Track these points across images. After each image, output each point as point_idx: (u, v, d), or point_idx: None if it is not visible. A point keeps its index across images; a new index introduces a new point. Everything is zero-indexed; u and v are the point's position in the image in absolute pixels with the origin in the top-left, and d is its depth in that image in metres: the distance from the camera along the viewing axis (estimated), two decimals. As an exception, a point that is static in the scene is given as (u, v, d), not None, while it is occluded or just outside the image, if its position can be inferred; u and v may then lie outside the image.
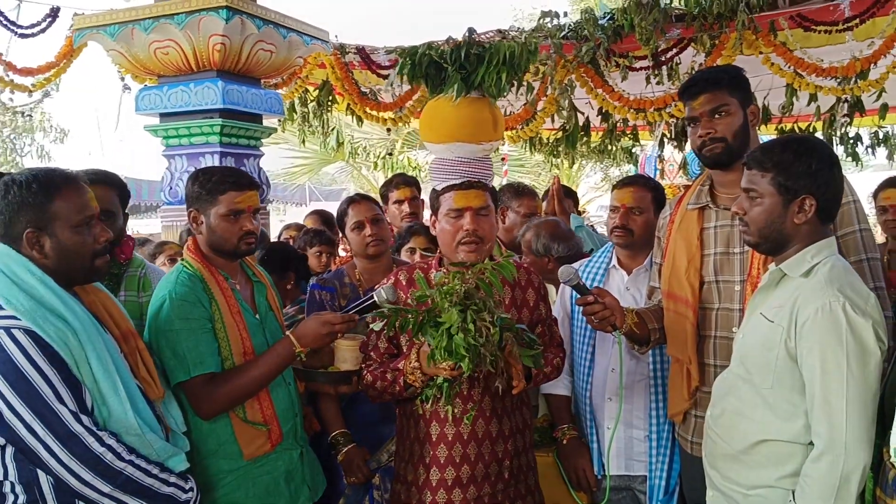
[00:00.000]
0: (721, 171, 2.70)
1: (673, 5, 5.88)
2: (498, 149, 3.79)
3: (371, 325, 2.55)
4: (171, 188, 4.84)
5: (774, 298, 2.20)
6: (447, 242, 2.63)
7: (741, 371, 2.26)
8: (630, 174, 10.89)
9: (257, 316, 2.72)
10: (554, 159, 9.17)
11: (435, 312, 2.33)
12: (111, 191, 2.91)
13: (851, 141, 6.92)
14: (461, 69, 2.83)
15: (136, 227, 19.56)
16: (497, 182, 9.28)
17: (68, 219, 2.12)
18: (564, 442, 3.14)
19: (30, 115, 7.31)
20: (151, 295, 3.42)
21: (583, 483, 3.10)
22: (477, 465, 2.57)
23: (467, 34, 3.01)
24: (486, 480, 2.58)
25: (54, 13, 6.36)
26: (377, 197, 4.23)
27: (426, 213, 5.46)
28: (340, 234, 3.39)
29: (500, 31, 6.35)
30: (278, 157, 13.40)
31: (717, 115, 2.61)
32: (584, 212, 9.44)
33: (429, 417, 2.60)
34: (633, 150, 9.29)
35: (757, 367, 2.19)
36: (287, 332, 2.65)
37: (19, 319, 1.99)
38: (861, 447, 1.98)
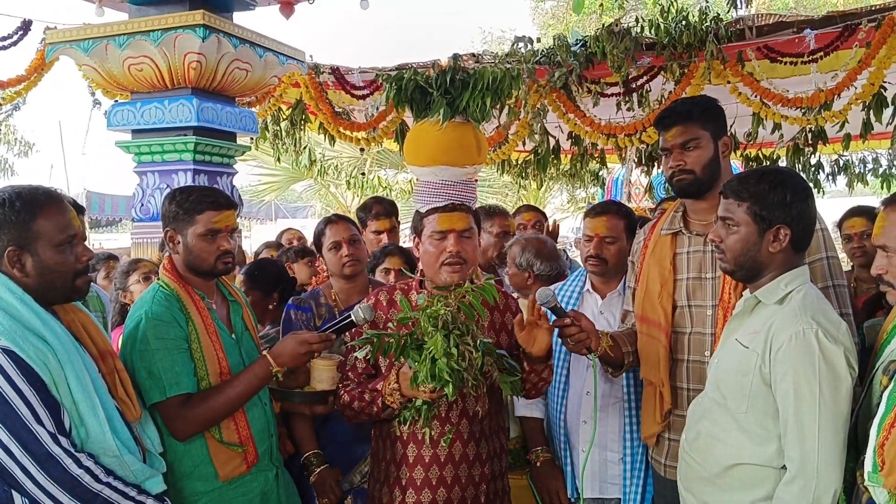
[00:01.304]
0: (692, 200, 2.76)
1: (644, 34, 6.01)
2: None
3: (356, 354, 2.55)
4: (142, 205, 4.79)
5: (749, 325, 2.26)
6: (430, 264, 2.64)
7: (716, 395, 2.31)
8: (596, 197, 11.09)
9: (233, 336, 2.72)
10: (522, 181, 9.28)
11: (417, 336, 2.35)
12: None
13: (813, 168, 7.10)
14: (446, 94, 2.87)
15: (98, 241, 19.34)
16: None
17: (51, 238, 2.11)
18: (538, 464, 3.16)
19: (-2, 129, 7.22)
20: (108, 312, 3.41)
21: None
22: (453, 488, 2.57)
23: (452, 60, 3.06)
24: None
25: (26, 26, 6.28)
26: (346, 214, 4.24)
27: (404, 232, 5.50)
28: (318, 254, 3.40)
29: (473, 55, 6.44)
30: (246, 174, 13.36)
31: (687, 148, 2.67)
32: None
33: (406, 439, 2.60)
34: (601, 174, 9.42)
35: (732, 391, 2.24)
36: (264, 352, 2.65)
37: None
38: (832, 471, 2.04)
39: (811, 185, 6.83)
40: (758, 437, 2.19)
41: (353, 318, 2.61)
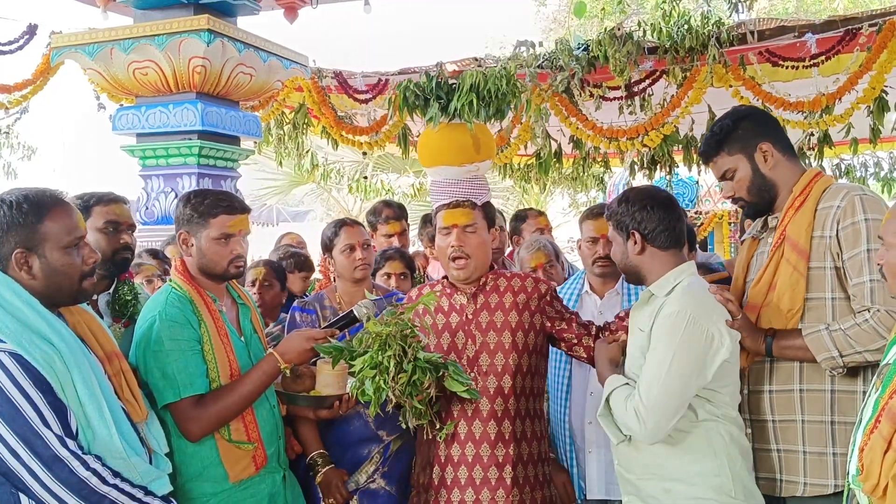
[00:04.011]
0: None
1: (646, 38, 6.03)
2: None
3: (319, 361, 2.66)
4: (147, 208, 4.83)
5: (643, 313, 2.49)
6: (442, 258, 2.81)
7: (629, 377, 2.48)
8: (598, 201, 11.11)
9: (242, 338, 2.73)
10: (524, 184, 9.29)
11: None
12: (128, 206, 2.98)
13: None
14: (439, 98, 2.97)
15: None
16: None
17: (58, 240, 2.12)
18: None
19: (7, 133, 7.21)
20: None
21: (563, 497, 3.12)
22: (474, 466, 2.62)
23: (436, 67, 3.14)
24: (486, 484, 2.61)
25: (32, 30, 6.30)
26: (349, 218, 4.30)
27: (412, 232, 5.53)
28: (324, 256, 3.42)
29: (475, 58, 6.46)
30: (249, 178, 13.34)
31: (727, 178, 2.68)
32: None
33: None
34: (604, 177, 9.43)
35: (639, 371, 2.42)
36: (270, 349, 2.66)
37: (5, 342, 1.98)
38: (662, 411, 2.29)
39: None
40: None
41: (355, 313, 2.68)
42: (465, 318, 2.73)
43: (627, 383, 2.43)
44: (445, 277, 2.86)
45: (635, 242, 2.50)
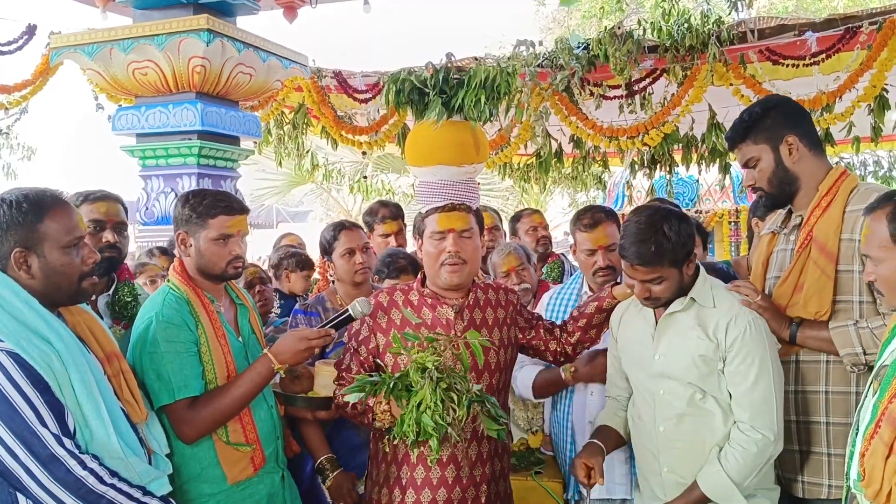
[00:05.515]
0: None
1: (646, 37, 6.02)
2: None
3: (346, 398, 2.48)
4: (147, 209, 4.83)
5: (682, 320, 2.52)
6: (431, 264, 2.65)
7: (676, 385, 2.48)
8: (597, 201, 11.09)
9: (240, 339, 2.72)
10: (524, 184, 9.29)
11: (407, 380, 2.35)
12: (119, 204, 2.92)
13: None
14: (442, 94, 2.88)
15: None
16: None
17: (57, 239, 2.12)
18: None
19: (6, 133, 7.23)
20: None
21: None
22: (454, 488, 2.56)
23: (446, 59, 3.06)
24: None
25: (31, 31, 6.31)
26: (348, 218, 4.29)
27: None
28: (323, 259, 3.41)
29: (476, 58, 6.45)
30: (249, 178, 13.32)
31: (750, 167, 2.66)
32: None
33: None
34: (602, 177, 9.42)
35: (701, 376, 2.45)
36: (265, 350, 2.64)
37: (3, 342, 1.98)
38: (780, 426, 2.41)
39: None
40: (727, 409, 2.45)
41: (350, 312, 2.64)
42: (455, 335, 2.53)
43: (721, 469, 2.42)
44: (423, 284, 2.73)
45: (689, 264, 2.51)
